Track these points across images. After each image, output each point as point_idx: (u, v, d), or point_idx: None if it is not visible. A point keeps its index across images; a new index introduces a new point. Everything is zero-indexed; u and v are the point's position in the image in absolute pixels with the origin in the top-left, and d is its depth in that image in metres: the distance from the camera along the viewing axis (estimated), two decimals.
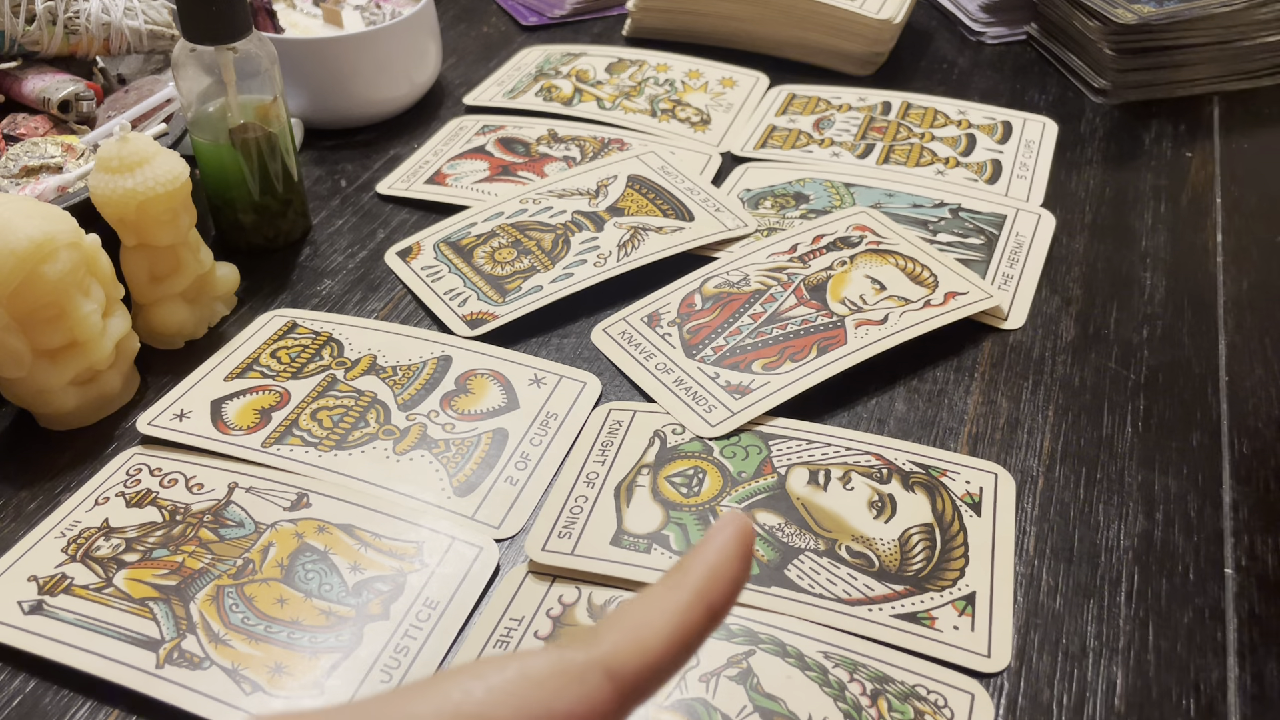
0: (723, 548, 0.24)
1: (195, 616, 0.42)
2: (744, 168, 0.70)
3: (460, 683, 0.21)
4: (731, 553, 0.24)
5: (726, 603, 0.24)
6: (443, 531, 0.46)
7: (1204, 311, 0.59)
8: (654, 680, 0.23)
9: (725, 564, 0.24)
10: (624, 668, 0.22)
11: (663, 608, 0.23)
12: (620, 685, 0.22)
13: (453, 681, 0.21)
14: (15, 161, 0.58)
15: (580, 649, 0.22)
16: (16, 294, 0.47)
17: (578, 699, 0.21)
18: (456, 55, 0.86)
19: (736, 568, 0.24)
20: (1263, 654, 0.42)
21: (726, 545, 0.24)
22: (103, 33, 0.65)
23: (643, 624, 0.23)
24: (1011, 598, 0.44)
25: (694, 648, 0.23)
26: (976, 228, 0.64)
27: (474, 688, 0.21)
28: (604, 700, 0.22)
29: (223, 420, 0.51)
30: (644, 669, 0.22)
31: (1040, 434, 0.51)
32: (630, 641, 0.23)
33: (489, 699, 0.21)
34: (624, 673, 0.22)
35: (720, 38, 0.85)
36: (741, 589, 0.24)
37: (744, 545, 0.24)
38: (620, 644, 0.22)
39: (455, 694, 0.21)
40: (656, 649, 0.23)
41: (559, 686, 0.21)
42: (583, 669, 0.22)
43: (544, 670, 0.22)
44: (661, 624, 0.23)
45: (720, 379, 0.53)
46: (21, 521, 0.48)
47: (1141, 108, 0.77)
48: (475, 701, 0.21)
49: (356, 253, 0.64)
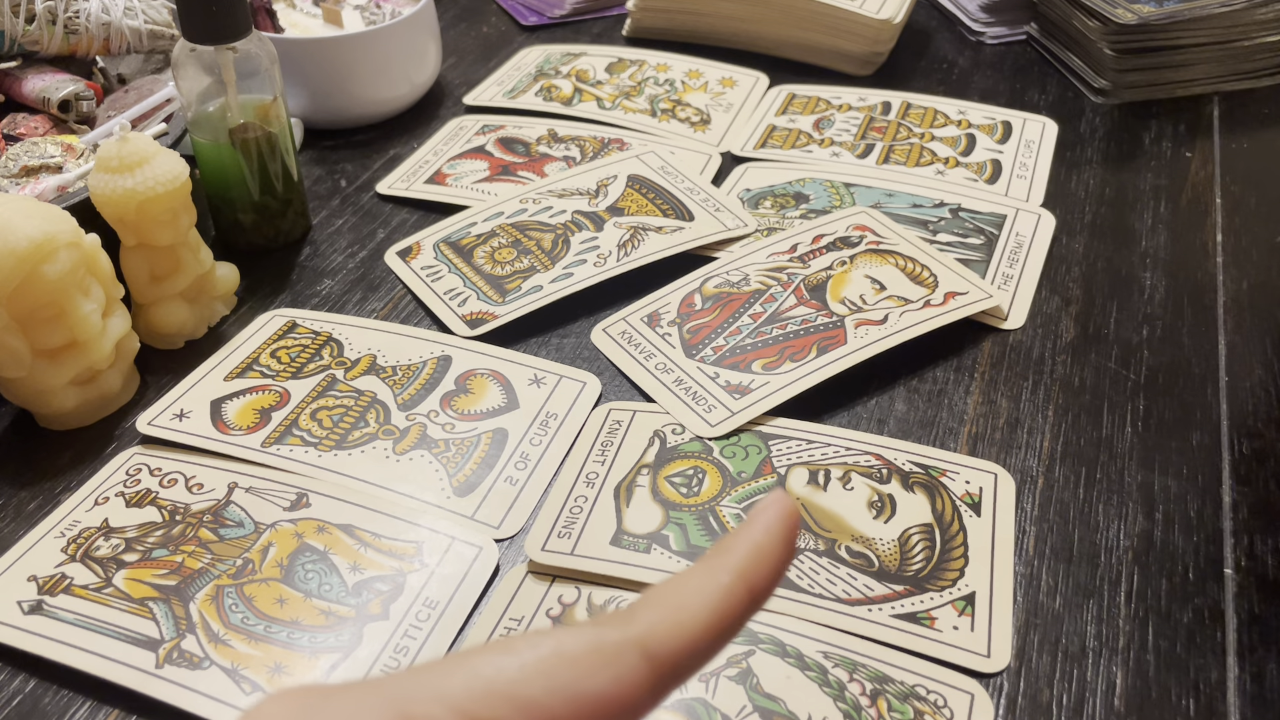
0: (767, 528, 0.23)
1: (195, 616, 0.42)
2: (744, 168, 0.70)
3: (492, 659, 0.21)
4: (776, 534, 0.23)
5: (769, 585, 0.23)
6: (442, 531, 0.46)
7: (1204, 311, 0.59)
8: (692, 662, 0.22)
9: (769, 545, 0.23)
10: (661, 648, 0.21)
11: (702, 588, 0.22)
12: (657, 666, 0.21)
13: (484, 657, 0.21)
14: (15, 161, 0.58)
15: (617, 627, 0.21)
16: (16, 294, 0.47)
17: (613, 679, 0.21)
18: (456, 55, 0.86)
19: (780, 550, 0.23)
20: (1262, 654, 0.42)
21: (771, 526, 0.23)
22: (103, 32, 0.65)
23: (681, 604, 0.22)
24: (1011, 598, 0.44)
25: (734, 630, 0.23)
26: (976, 228, 0.64)
27: (506, 664, 0.20)
28: (639, 680, 0.21)
29: (222, 420, 0.51)
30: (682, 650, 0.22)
31: (1040, 434, 0.51)
32: (669, 621, 0.22)
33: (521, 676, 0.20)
34: (661, 653, 0.21)
35: (720, 38, 0.85)
36: (785, 572, 0.23)
37: (789, 527, 0.23)
38: (658, 624, 0.22)
39: (487, 670, 0.20)
40: (695, 630, 0.22)
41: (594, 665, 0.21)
42: (618, 647, 0.21)
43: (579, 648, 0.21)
44: (701, 604, 0.22)
45: (720, 379, 0.53)
46: (21, 521, 0.48)
47: (1141, 108, 0.77)
48: (507, 678, 0.20)
49: (356, 253, 0.64)
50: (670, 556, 0.45)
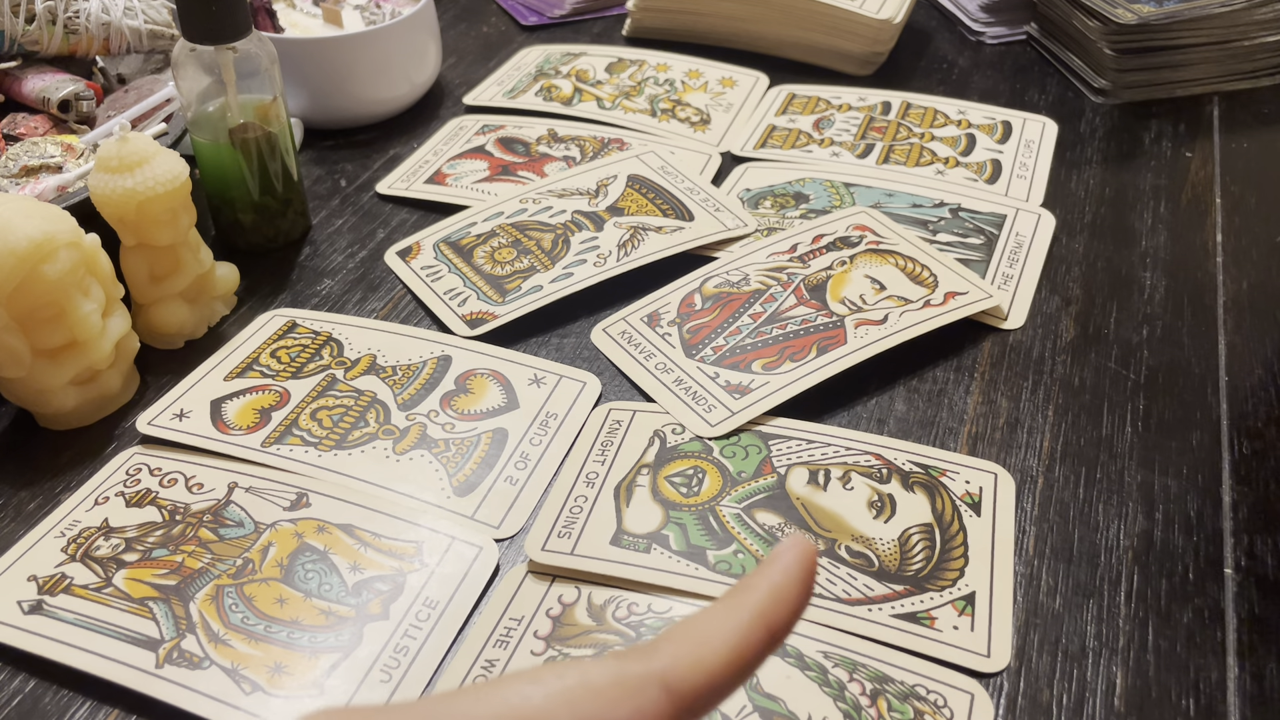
0: (787, 569, 0.24)
1: (195, 616, 0.42)
2: (744, 168, 0.70)
3: (518, 688, 0.21)
4: (795, 575, 0.24)
5: (787, 626, 0.24)
6: (442, 531, 0.46)
7: (1204, 312, 0.59)
8: (711, 698, 0.23)
9: (788, 586, 0.24)
10: (682, 683, 0.22)
11: (723, 626, 0.23)
12: (677, 700, 0.22)
13: (511, 686, 0.21)
14: (15, 161, 0.58)
15: (640, 661, 0.22)
16: (16, 294, 0.47)
17: (634, 711, 0.21)
18: (456, 55, 0.86)
19: (799, 591, 0.24)
20: (1262, 654, 0.42)
21: (790, 568, 0.24)
22: (102, 32, 0.65)
23: (703, 641, 0.23)
24: (1011, 598, 0.44)
25: (752, 668, 0.23)
26: (976, 227, 0.64)
27: (532, 693, 0.21)
28: (660, 713, 0.22)
29: (222, 420, 0.51)
30: (702, 686, 0.22)
31: (1040, 434, 0.51)
32: (690, 657, 0.23)
33: (546, 705, 0.21)
34: (682, 688, 0.22)
35: (720, 38, 0.85)
36: (802, 613, 0.24)
37: (807, 569, 0.24)
38: (680, 658, 0.23)
39: (514, 698, 0.21)
40: (715, 666, 0.23)
41: (616, 697, 0.21)
42: (641, 681, 0.22)
43: (603, 680, 0.22)
44: (721, 642, 0.23)
45: (720, 379, 0.53)
46: (21, 521, 0.48)
47: (1141, 108, 0.77)
48: (533, 707, 0.21)
49: (356, 252, 0.64)
50: (670, 556, 0.45)
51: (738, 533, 0.46)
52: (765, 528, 0.46)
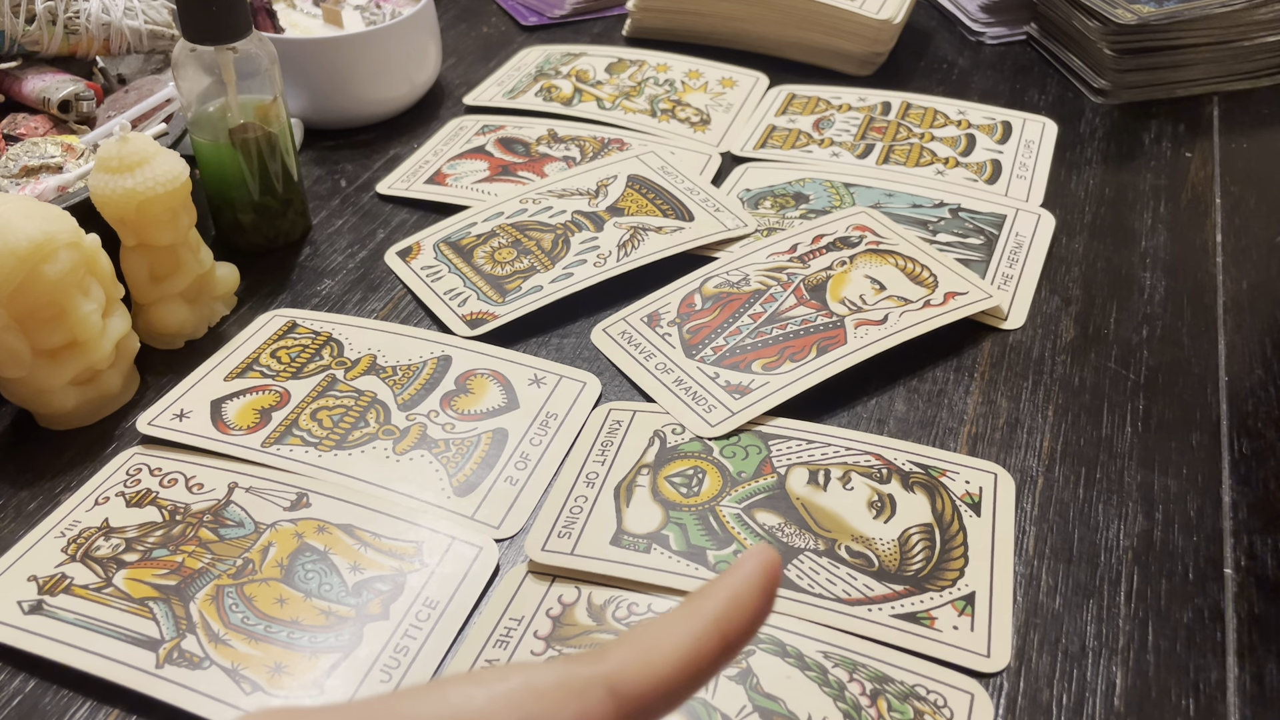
0: (748, 577, 0.24)
1: (195, 616, 0.42)
2: (744, 168, 0.70)
3: (461, 688, 0.21)
4: (755, 585, 0.24)
5: (743, 636, 0.23)
6: (442, 531, 0.46)
7: (1203, 312, 0.59)
8: (659, 704, 0.22)
9: (747, 595, 0.24)
10: (628, 687, 0.22)
11: (676, 631, 0.23)
12: (623, 704, 0.22)
13: (454, 687, 0.21)
14: (15, 161, 0.58)
15: (587, 664, 0.22)
16: (16, 294, 0.47)
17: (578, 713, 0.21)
18: (456, 55, 0.86)
19: (758, 601, 0.24)
20: (1262, 654, 0.42)
21: (751, 576, 0.24)
22: (103, 33, 0.66)
23: (653, 646, 0.23)
24: (1011, 598, 0.44)
25: (705, 676, 0.23)
26: (976, 228, 0.64)
27: (475, 694, 0.21)
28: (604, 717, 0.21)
29: (223, 420, 0.52)
30: (648, 690, 0.22)
31: (1040, 434, 0.51)
32: (638, 661, 0.22)
33: (489, 706, 0.21)
34: (628, 692, 0.22)
35: (720, 38, 0.85)
36: (761, 624, 0.24)
37: (768, 579, 0.24)
38: (628, 662, 0.22)
39: (456, 698, 0.21)
40: (664, 671, 0.22)
41: (560, 699, 0.21)
42: (586, 683, 0.22)
43: (548, 682, 0.21)
44: (672, 647, 0.23)
45: (720, 379, 0.53)
46: (21, 521, 0.48)
47: (1141, 108, 0.77)
48: (475, 708, 0.21)
49: (356, 253, 0.64)
50: (670, 556, 0.45)
51: (738, 533, 0.46)
52: (765, 528, 0.46)
